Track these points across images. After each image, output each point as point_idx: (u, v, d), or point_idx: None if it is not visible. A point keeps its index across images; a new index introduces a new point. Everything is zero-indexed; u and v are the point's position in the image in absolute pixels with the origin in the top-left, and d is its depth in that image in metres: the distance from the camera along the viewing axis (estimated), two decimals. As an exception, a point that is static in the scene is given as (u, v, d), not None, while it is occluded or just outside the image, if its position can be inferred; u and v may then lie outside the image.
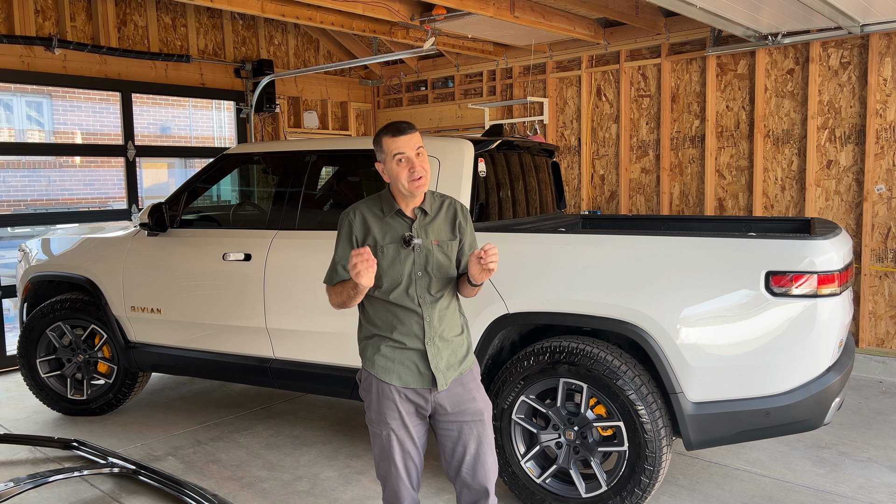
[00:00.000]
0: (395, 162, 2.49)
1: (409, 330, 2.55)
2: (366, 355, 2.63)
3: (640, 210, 7.05)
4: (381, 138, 2.53)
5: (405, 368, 2.56)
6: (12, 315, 6.49)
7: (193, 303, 4.43)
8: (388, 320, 2.58)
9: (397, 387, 2.56)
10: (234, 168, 4.94)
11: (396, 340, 2.56)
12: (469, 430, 2.61)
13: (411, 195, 2.53)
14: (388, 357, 2.57)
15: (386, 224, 2.56)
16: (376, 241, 2.54)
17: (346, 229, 2.59)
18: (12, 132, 7.55)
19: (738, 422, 3.15)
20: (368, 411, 2.63)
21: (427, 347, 2.54)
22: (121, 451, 4.38)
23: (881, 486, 3.80)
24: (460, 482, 2.66)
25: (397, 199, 2.57)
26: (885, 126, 5.68)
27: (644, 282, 3.23)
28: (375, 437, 2.63)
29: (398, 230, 2.55)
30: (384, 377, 2.56)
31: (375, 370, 2.58)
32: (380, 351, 2.58)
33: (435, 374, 2.54)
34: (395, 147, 2.48)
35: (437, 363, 2.55)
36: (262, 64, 7.70)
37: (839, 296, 3.11)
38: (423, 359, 2.55)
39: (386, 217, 2.57)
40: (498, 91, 8.00)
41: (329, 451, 4.38)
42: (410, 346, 2.55)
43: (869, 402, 5.16)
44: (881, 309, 5.83)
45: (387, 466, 2.62)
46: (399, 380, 2.56)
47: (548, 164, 4.86)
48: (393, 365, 2.56)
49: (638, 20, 6.31)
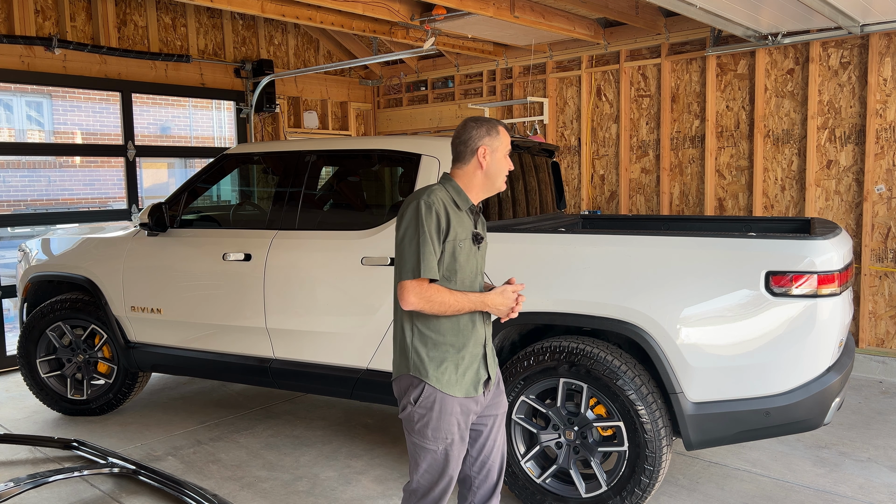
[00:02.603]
0: (504, 156, 2.49)
1: (475, 333, 2.50)
2: (428, 369, 2.44)
3: (640, 210, 7.05)
4: (498, 128, 2.50)
5: (470, 377, 2.49)
6: (12, 315, 6.49)
7: (193, 303, 4.43)
8: (457, 324, 2.46)
9: (460, 399, 2.47)
10: (234, 168, 4.94)
11: (465, 348, 2.47)
12: (498, 425, 2.65)
13: (497, 190, 2.55)
14: (456, 369, 2.46)
15: (460, 218, 2.47)
16: (456, 235, 2.43)
17: (434, 220, 2.37)
18: (12, 132, 7.55)
19: (738, 422, 3.15)
20: (424, 428, 2.46)
21: (486, 350, 2.56)
22: (121, 451, 4.38)
23: (881, 486, 3.80)
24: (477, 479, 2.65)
25: (471, 194, 2.51)
26: (885, 126, 5.68)
27: (644, 282, 3.23)
28: (426, 451, 2.49)
29: (467, 226, 2.49)
30: (449, 390, 2.44)
31: (441, 384, 2.44)
32: (448, 363, 2.46)
33: (490, 375, 2.57)
34: (506, 142, 2.50)
35: (492, 364, 2.59)
36: (262, 64, 7.70)
37: (839, 296, 3.11)
38: (484, 362, 2.55)
39: (461, 210, 2.49)
40: (498, 91, 8.00)
41: (329, 451, 4.38)
42: (475, 351, 2.51)
43: (869, 402, 5.16)
44: (881, 309, 5.83)
45: (433, 480, 2.51)
46: (463, 391, 2.47)
47: (548, 164, 4.86)
48: (460, 377, 2.47)
49: (638, 20, 6.31)
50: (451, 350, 2.46)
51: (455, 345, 2.46)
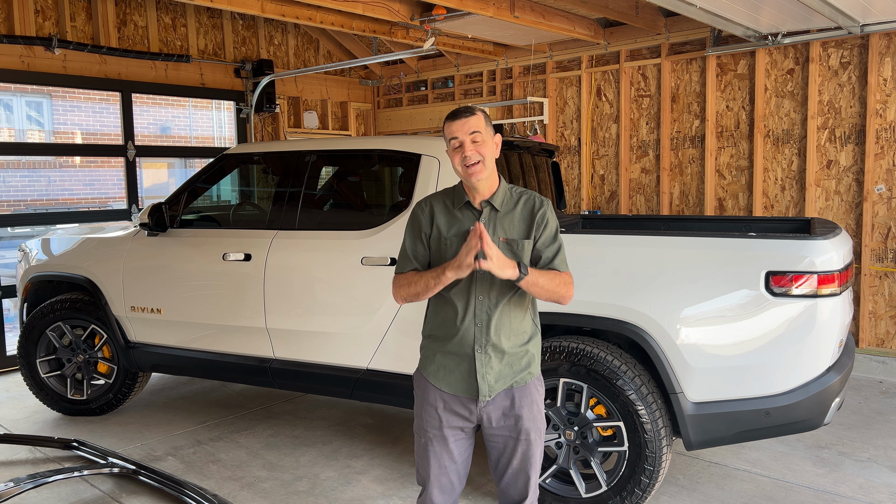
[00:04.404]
0: (451, 147, 2.37)
1: (462, 332, 2.39)
2: (423, 354, 2.52)
3: (640, 210, 7.05)
4: (447, 119, 2.40)
5: (454, 374, 2.42)
6: (12, 315, 6.49)
7: (193, 303, 4.43)
8: (444, 318, 2.43)
9: (443, 393, 2.43)
10: (234, 168, 4.94)
11: (450, 342, 2.42)
12: (513, 447, 2.46)
13: (469, 183, 2.37)
14: (441, 360, 2.44)
15: (453, 216, 2.42)
16: (440, 233, 2.41)
17: (414, 221, 2.48)
18: (12, 132, 7.55)
19: (738, 422, 3.15)
20: (415, 412, 2.53)
21: (476, 354, 2.38)
22: (121, 451, 4.38)
23: (881, 486, 3.80)
24: (500, 491, 2.57)
25: (467, 190, 2.42)
26: (885, 126, 5.68)
27: (644, 282, 3.23)
28: (416, 441, 2.52)
29: (465, 223, 2.40)
30: (433, 381, 2.45)
31: (427, 372, 2.47)
32: (435, 353, 2.46)
33: (479, 384, 2.38)
34: (450, 131, 2.36)
35: (485, 373, 2.38)
36: (262, 64, 7.70)
37: (839, 296, 3.11)
38: (472, 365, 2.39)
39: (455, 209, 2.43)
40: (498, 91, 8.00)
41: (329, 451, 4.37)
42: (460, 351, 2.40)
43: (869, 402, 5.16)
44: (881, 309, 5.83)
45: (424, 473, 2.51)
46: (448, 385, 2.43)
47: (548, 164, 4.86)
48: (443, 370, 2.44)
49: (638, 20, 6.31)
50: (438, 343, 2.46)
51: (440, 338, 2.45)
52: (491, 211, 2.41)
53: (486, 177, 2.37)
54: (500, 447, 2.48)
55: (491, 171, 2.38)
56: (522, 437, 2.44)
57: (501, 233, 2.39)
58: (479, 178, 2.34)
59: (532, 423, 2.45)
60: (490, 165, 2.37)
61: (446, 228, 2.42)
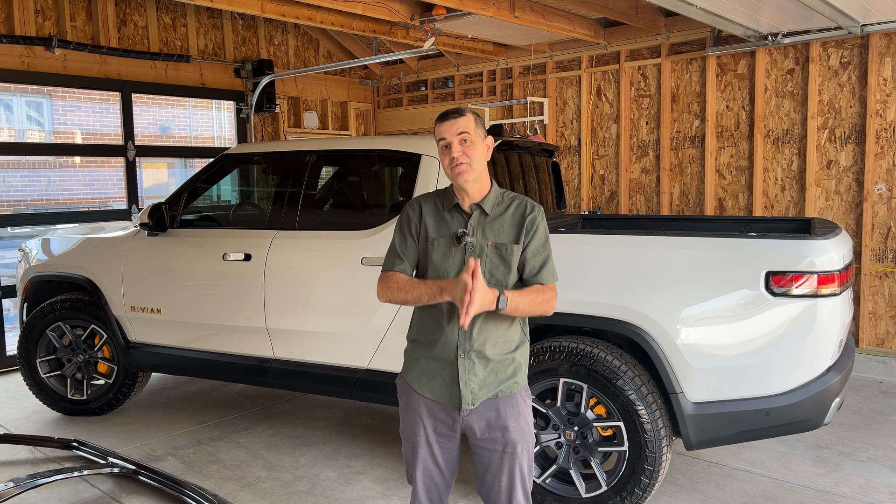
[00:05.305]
0: (440, 148, 2.34)
1: (445, 336, 2.34)
2: (406, 358, 2.49)
3: (640, 210, 7.05)
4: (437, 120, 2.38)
5: (437, 380, 2.38)
6: (12, 315, 6.49)
7: (193, 303, 4.43)
8: (429, 322, 2.40)
9: (427, 400, 2.40)
10: (234, 168, 4.94)
11: (434, 347, 2.37)
12: (499, 462, 2.37)
13: (457, 184, 2.35)
14: (424, 366, 2.41)
15: (441, 218, 2.40)
16: (428, 234, 2.40)
17: (404, 219, 2.46)
18: (12, 132, 7.55)
19: (738, 422, 3.15)
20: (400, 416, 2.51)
21: (459, 360, 2.32)
22: (121, 451, 4.38)
23: (881, 486, 3.80)
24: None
25: (457, 192, 2.39)
26: (885, 126, 5.68)
27: (644, 282, 3.23)
28: (403, 444, 2.51)
29: (453, 226, 2.38)
30: (416, 386, 2.42)
31: (410, 377, 2.45)
32: (417, 358, 2.43)
33: (462, 391, 2.32)
34: (438, 132, 2.34)
35: (468, 379, 2.32)
36: (262, 64, 7.70)
37: (839, 296, 3.11)
38: (455, 371, 2.33)
39: (443, 211, 2.41)
40: (498, 91, 8.00)
41: (329, 451, 4.37)
42: (443, 356, 2.35)
43: (869, 402, 5.16)
44: (881, 309, 5.83)
45: (411, 473, 2.49)
46: (430, 392, 2.39)
47: (548, 164, 4.86)
48: (426, 375, 2.40)
49: (638, 20, 6.31)
50: (422, 347, 2.42)
51: (424, 342, 2.41)
52: (480, 214, 2.37)
53: (475, 179, 2.33)
54: (486, 461, 2.41)
55: (480, 173, 2.34)
56: (508, 451, 2.36)
57: (493, 236, 2.35)
58: (465, 178, 2.31)
59: (519, 436, 2.37)
60: (478, 168, 2.33)
61: (434, 230, 2.40)
